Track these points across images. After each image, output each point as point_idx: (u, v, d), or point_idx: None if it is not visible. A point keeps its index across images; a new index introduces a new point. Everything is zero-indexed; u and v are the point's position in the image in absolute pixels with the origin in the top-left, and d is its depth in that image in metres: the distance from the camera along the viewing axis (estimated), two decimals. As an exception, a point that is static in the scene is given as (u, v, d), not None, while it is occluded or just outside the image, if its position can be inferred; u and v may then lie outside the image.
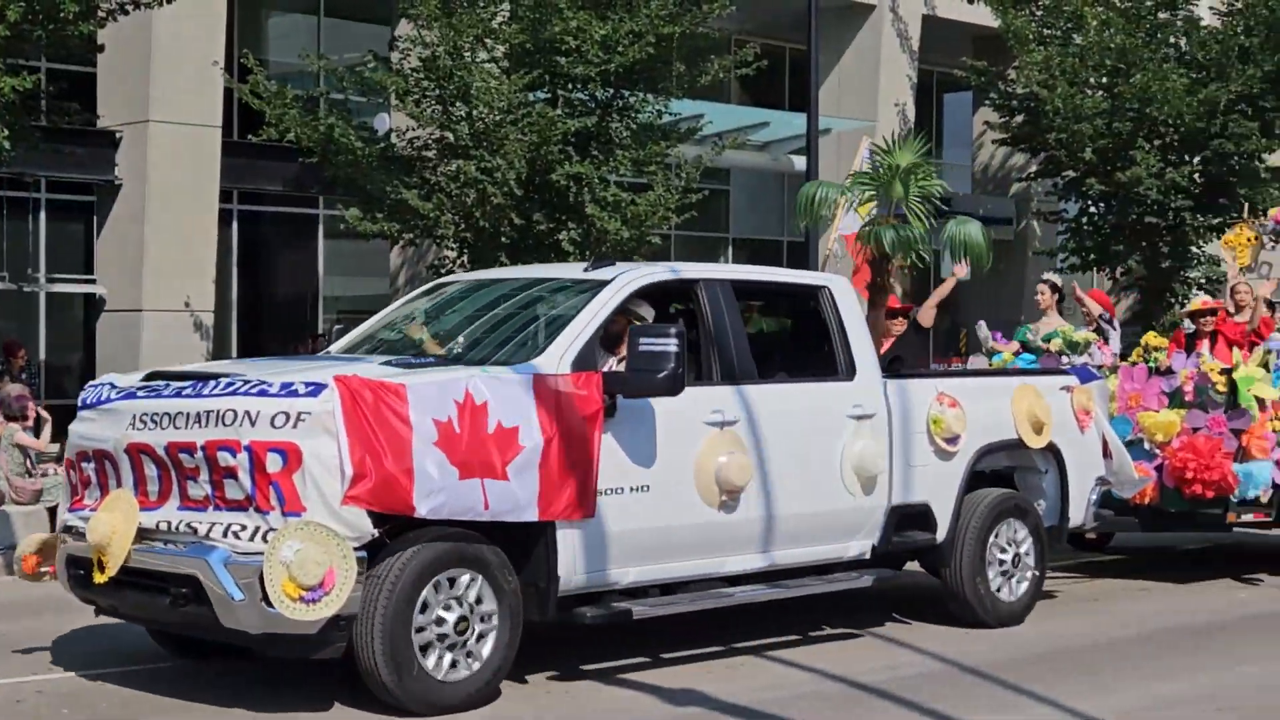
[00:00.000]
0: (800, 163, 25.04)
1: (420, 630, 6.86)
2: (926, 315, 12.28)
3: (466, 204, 19.04)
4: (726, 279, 9.16)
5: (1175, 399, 11.78)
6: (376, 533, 6.67)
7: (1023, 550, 10.17)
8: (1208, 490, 11.06)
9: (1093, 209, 28.01)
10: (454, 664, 7.00)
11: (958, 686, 8.47)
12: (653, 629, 9.16)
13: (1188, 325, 14.32)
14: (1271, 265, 15.35)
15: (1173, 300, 28.49)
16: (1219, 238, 28.90)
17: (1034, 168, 29.99)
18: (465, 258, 19.85)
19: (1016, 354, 12.92)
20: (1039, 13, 27.72)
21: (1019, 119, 28.59)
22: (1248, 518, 11.77)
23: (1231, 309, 13.53)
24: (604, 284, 8.28)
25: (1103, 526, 12.75)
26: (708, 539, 8.39)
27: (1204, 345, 12.52)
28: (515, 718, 7.43)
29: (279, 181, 24.48)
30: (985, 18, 28.75)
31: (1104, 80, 27.04)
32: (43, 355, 23.48)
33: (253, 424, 6.53)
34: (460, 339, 8.92)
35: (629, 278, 8.47)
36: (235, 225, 24.50)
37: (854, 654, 9.30)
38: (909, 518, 9.55)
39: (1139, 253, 27.68)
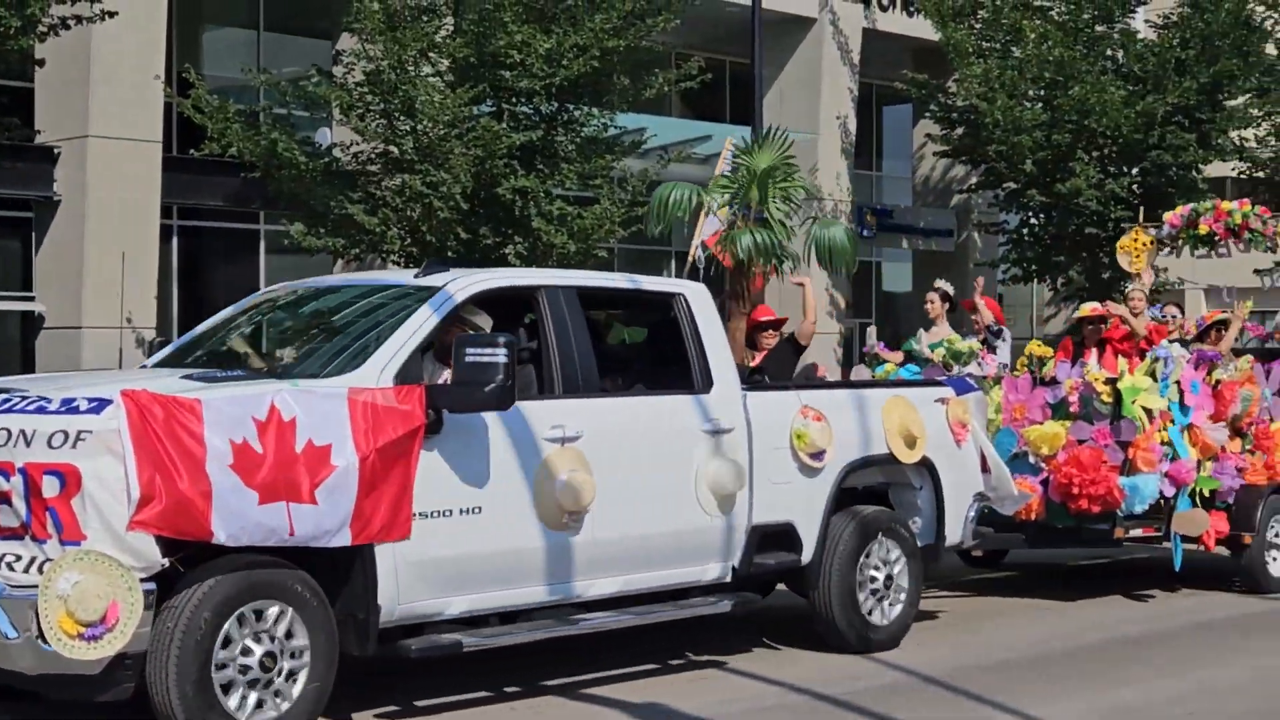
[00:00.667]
0: None
1: (221, 668, 6.24)
2: (806, 334, 11.44)
3: (412, 218, 19.16)
4: (571, 285, 8.47)
5: (1060, 410, 11.22)
6: (166, 562, 6.09)
7: (895, 571, 9.45)
8: (1093, 505, 10.52)
9: (1033, 220, 28.23)
10: (260, 704, 6.34)
11: (922, 696, 8.38)
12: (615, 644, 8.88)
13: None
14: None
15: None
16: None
17: (974, 180, 30.28)
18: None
19: (901, 364, 12.45)
20: (978, 26, 27.81)
21: (959, 131, 28.81)
22: (1136, 532, 11.28)
23: (1130, 317, 13.11)
24: (433, 291, 7.71)
25: (986, 544, 12.13)
26: (550, 563, 7.71)
27: (1092, 354, 11.94)
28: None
29: (220, 197, 24.25)
30: (925, 31, 28.96)
31: (1043, 93, 27.17)
32: (-20, 373, 22.95)
33: (28, 444, 5.99)
34: (284, 350, 8.33)
35: (459, 285, 7.85)
36: (176, 241, 24.29)
37: (818, 666, 8.92)
38: (771, 538, 8.84)
39: (1079, 263, 27.76)
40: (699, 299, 8.89)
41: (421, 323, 7.39)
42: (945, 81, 29.16)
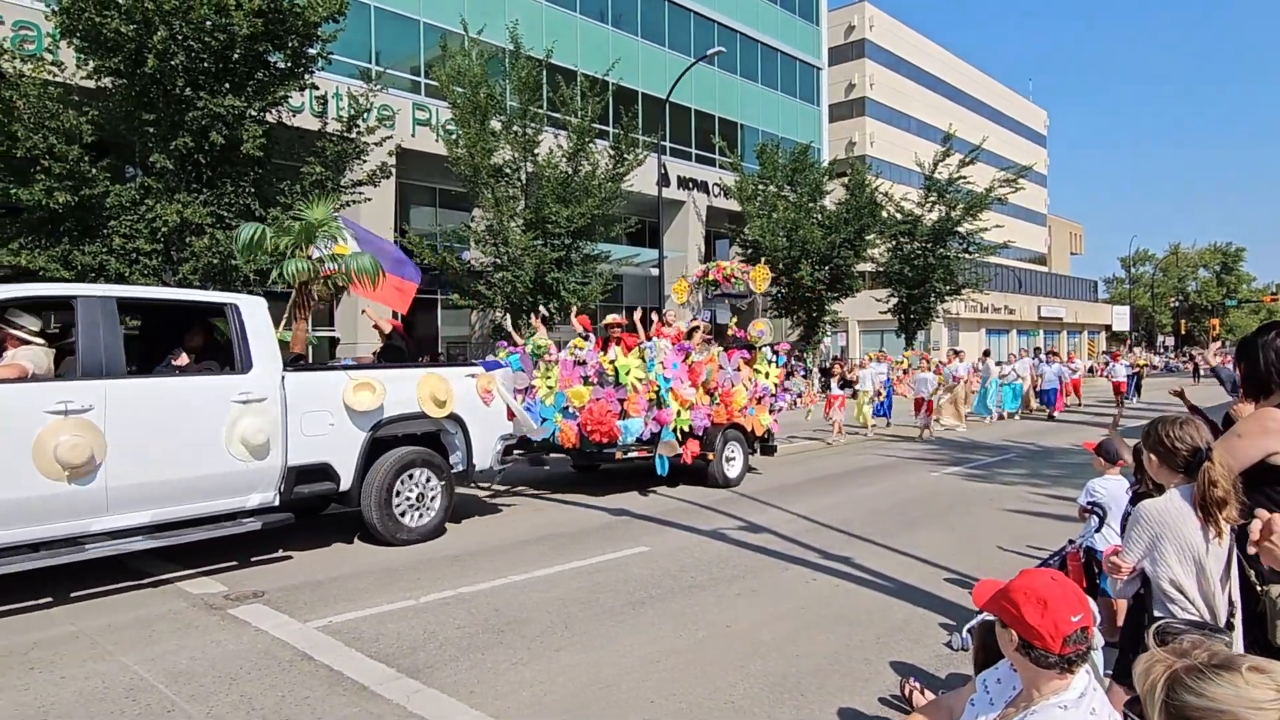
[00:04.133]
0: (655, 271, 24.93)
1: None
2: (385, 326, 8.63)
3: (507, 292, 19.17)
4: (109, 296, 5.47)
5: (589, 380, 9.20)
6: None
7: (429, 490, 6.96)
8: (603, 437, 8.69)
9: (782, 290, 27.87)
10: None
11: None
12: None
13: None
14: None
15: (819, 331, 29.14)
16: (840, 300, 31.32)
17: None
18: (508, 318, 19.77)
19: (510, 354, 10.04)
20: (758, 203, 27.70)
21: (749, 251, 28.23)
22: (633, 454, 9.18)
23: (662, 326, 10.44)
24: None
25: (554, 467, 9.88)
26: (62, 507, 4.96)
27: (614, 347, 9.52)
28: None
29: (421, 283, 24.52)
30: (735, 205, 28.84)
31: (786, 234, 27.01)
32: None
33: None
34: None
35: None
36: (397, 303, 24.88)
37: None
38: (310, 474, 6.16)
39: (803, 309, 28.01)
40: (250, 307, 6.12)
41: None
42: (743, 229, 28.86)
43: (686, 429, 9.41)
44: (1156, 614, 2.50)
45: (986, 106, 60.09)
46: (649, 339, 9.56)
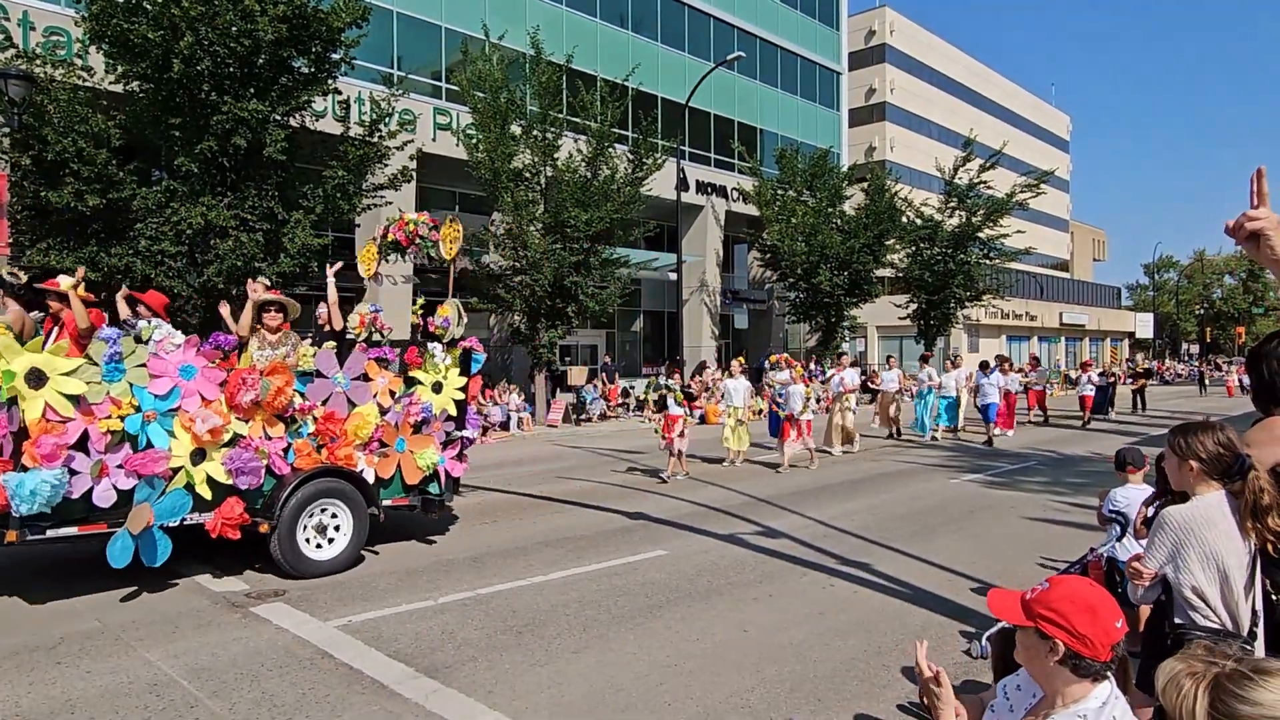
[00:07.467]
0: (673, 276, 24.78)
1: None
2: None
3: (526, 296, 19.20)
4: None
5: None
6: None
7: None
8: None
9: (800, 295, 27.96)
10: None
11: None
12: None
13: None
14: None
15: (838, 337, 28.93)
16: (858, 306, 30.60)
17: (774, 276, 29.64)
18: (524, 322, 19.76)
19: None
20: (777, 208, 27.53)
21: (768, 256, 28.55)
22: (71, 531, 5.01)
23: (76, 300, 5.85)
24: None
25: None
26: None
27: (54, 329, 5.48)
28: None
29: (440, 287, 24.84)
30: (753, 210, 28.77)
31: (805, 238, 26.82)
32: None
33: None
34: None
35: None
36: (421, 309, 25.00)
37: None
38: None
39: (821, 314, 27.83)
40: None
41: None
42: (761, 233, 28.76)
43: (225, 481, 5.48)
44: (1177, 620, 2.48)
45: (1008, 111, 59.71)
46: (128, 319, 5.61)
